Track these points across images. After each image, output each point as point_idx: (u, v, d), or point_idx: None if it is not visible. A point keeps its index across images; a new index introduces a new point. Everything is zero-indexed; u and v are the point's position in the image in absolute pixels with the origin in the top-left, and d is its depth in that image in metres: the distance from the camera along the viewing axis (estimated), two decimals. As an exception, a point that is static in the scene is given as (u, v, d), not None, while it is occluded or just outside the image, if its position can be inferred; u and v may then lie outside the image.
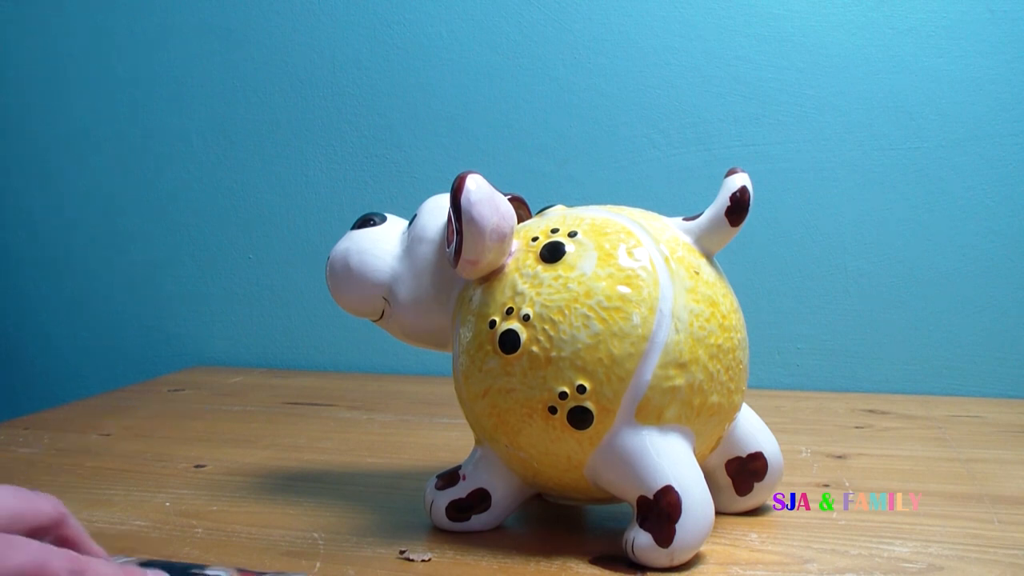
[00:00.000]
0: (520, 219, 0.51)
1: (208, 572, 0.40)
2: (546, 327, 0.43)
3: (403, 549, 0.46)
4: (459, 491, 0.48)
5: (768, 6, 0.87)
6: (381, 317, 0.53)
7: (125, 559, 0.41)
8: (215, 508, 0.53)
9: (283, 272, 1.02)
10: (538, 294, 0.44)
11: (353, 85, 0.98)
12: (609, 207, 0.48)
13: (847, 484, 0.57)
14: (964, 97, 0.84)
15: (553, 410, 0.43)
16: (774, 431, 0.51)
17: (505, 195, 0.47)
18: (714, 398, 0.44)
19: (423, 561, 0.44)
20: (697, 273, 0.45)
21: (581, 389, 0.42)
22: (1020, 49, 0.83)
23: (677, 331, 0.43)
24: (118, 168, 1.05)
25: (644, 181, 0.91)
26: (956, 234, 0.85)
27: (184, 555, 0.45)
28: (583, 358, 0.42)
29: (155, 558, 0.43)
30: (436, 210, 0.51)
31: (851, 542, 0.47)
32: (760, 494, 0.51)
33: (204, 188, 1.03)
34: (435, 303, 0.50)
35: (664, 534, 0.42)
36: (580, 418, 0.43)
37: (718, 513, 0.45)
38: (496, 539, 0.47)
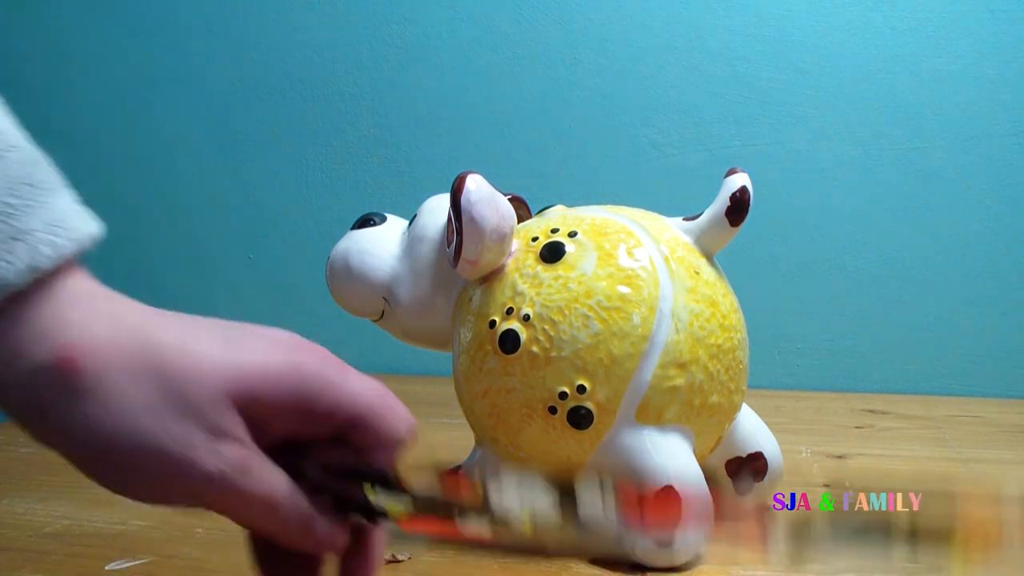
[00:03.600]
0: (520, 219, 0.51)
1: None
2: (546, 327, 0.43)
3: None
4: (459, 491, 0.48)
5: (768, 6, 0.87)
6: (381, 317, 0.53)
7: None
8: (215, 508, 0.53)
9: (283, 272, 1.02)
10: (538, 294, 0.44)
11: (353, 85, 0.98)
12: (609, 207, 0.48)
13: (847, 484, 0.57)
14: (964, 97, 0.84)
15: (553, 410, 0.43)
16: (774, 431, 0.51)
17: (505, 195, 0.47)
18: (714, 398, 0.44)
19: (409, 559, 0.45)
20: (697, 273, 0.45)
21: (581, 389, 0.42)
22: (1020, 49, 0.83)
23: (677, 331, 0.43)
24: (119, 168, 1.05)
25: (644, 181, 0.91)
26: (957, 235, 0.85)
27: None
28: (583, 358, 0.42)
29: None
30: (436, 210, 0.51)
31: (851, 542, 0.47)
32: (760, 494, 0.51)
33: (204, 188, 1.03)
34: (435, 303, 0.50)
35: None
36: (580, 418, 0.43)
37: (718, 513, 0.45)
38: (496, 539, 0.47)
